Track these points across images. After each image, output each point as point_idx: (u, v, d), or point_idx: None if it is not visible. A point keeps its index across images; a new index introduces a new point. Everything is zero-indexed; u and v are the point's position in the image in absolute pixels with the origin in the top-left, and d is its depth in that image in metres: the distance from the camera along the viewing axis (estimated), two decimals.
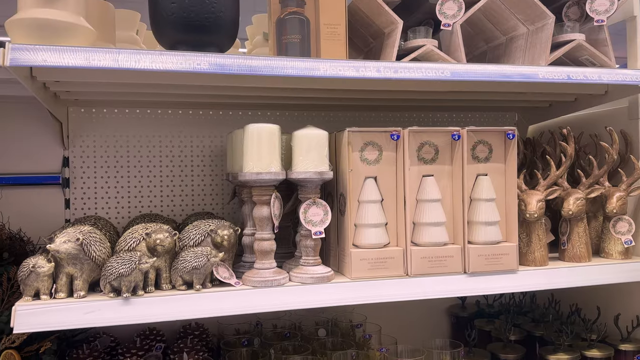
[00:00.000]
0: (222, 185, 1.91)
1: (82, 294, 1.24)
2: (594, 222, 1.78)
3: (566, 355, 1.62)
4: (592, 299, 1.88)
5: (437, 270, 1.47)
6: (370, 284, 1.42)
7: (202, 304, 1.29)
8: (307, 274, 1.41)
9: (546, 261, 1.59)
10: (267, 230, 1.40)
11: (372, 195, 1.47)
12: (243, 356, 1.55)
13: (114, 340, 1.71)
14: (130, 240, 1.32)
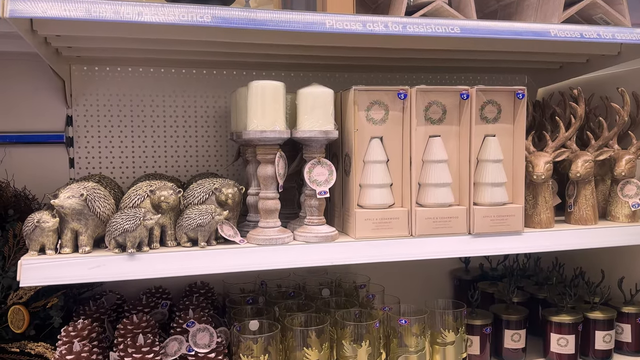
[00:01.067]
0: (227, 146, 1.89)
1: (87, 249, 1.25)
2: (602, 185, 1.76)
3: (569, 317, 1.63)
4: (596, 263, 1.88)
5: (442, 231, 1.47)
6: (374, 244, 1.42)
7: (206, 261, 1.30)
8: (312, 233, 1.40)
9: (552, 223, 1.58)
10: (272, 190, 1.39)
11: (377, 156, 1.45)
12: (248, 313, 1.56)
13: (120, 297, 1.73)
14: (134, 197, 1.32)
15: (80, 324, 1.44)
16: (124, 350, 1.34)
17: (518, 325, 1.67)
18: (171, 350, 1.38)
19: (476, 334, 1.63)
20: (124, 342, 1.36)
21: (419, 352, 1.51)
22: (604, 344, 1.65)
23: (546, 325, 1.66)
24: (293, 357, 1.46)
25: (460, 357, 1.57)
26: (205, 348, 1.38)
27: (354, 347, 1.46)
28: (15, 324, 1.52)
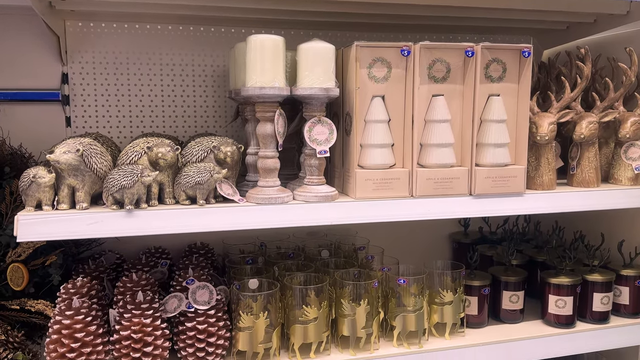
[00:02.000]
0: (225, 106, 1.86)
1: (84, 205, 1.24)
2: (605, 148, 1.74)
3: (567, 279, 1.64)
4: (596, 226, 1.88)
5: (443, 192, 1.45)
6: (374, 204, 1.41)
7: (205, 219, 1.29)
8: (311, 192, 1.39)
9: (554, 185, 1.57)
10: (271, 148, 1.37)
11: (379, 115, 1.43)
12: (247, 273, 1.57)
13: (119, 257, 1.73)
14: (131, 153, 1.30)
15: (80, 281, 1.44)
16: (123, 307, 1.34)
17: (516, 286, 1.67)
18: (170, 307, 1.38)
19: (474, 295, 1.64)
20: (124, 299, 1.37)
21: (417, 312, 1.52)
22: (601, 306, 1.66)
23: (544, 287, 1.67)
24: (292, 315, 1.47)
25: (458, 316, 1.58)
26: (204, 305, 1.38)
27: (353, 306, 1.47)
28: (15, 282, 1.52)
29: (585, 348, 1.64)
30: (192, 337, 1.37)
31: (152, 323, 1.32)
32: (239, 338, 1.40)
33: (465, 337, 1.59)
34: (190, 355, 1.37)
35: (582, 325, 1.67)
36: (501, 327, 1.67)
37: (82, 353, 1.26)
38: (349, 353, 1.48)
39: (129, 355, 1.30)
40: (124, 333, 1.30)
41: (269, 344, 1.40)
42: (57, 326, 1.26)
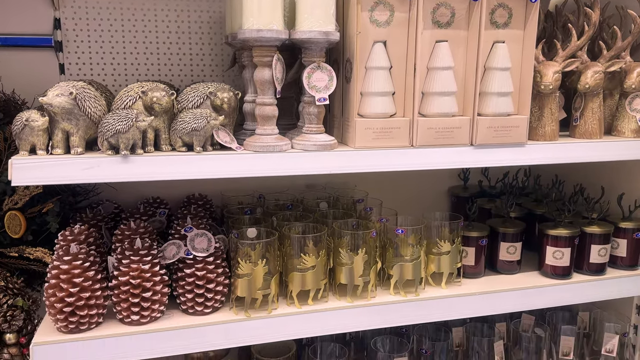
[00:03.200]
0: (222, 54, 1.81)
1: (79, 150, 1.22)
2: (609, 100, 1.71)
3: (566, 230, 1.64)
4: (596, 180, 1.87)
5: (443, 142, 1.43)
6: (374, 153, 1.39)
7: (202, 166, 1.27)
8: (310, 141, 1.37)
9: (556, 136, 1.55)
10: (269, 95, 1.34)
11: (380, 61, 1.39)
12: (246, 223, 1.56)
13: (117, 207, 1.72)
14: (126, 98, 1.27)
15: (77, 229, 1.44)
16: (121, 253, 1.34)
17: (514, 237, 1.68)
18: (169, 254, 1.38)
19: (472, 246, 1.64)
20: (122, 246, 1.36)
21: (414, 261, 1.52)
22: (598, 258, 1.67)
23: (542, 239, 1.67)
24: (290, 263, 1.47)
25: (455, 266, 1.59)
26: (203, 252, 1.38)
27: (351, 255, 1.47)
28: (12, 229, 1.52)
29: (581, 299, 1.65)
30: (191, 283, 1.37)
31: (150, 269, 1.33)
32: (237, 285, 1.41)
33: (461, 286, 1.60)
34: (189, 301, 1.38)
35: (579, 276, 1.68)
36: (498, 278, 1.68)
37: (81, 298, 1.26)
38: (347, 300, 1.49)
39: (128, 301, 1.31)
40: (122, 279, 1.31)
41: (268, 290, 1.41)
42: (55, 271, 1.27)
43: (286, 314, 1.42)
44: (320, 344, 1.62)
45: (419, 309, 1.51)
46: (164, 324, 1.34)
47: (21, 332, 1.48)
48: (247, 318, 1.39)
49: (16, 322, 1.45)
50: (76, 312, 1.26)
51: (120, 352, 1.29)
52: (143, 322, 1.33)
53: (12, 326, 1.45)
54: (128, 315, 1.32)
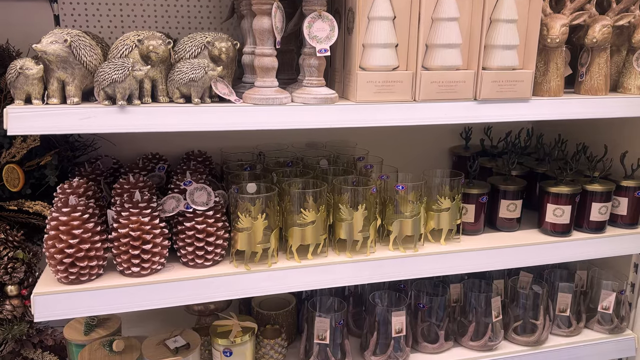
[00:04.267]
0: (220, 5, 1.76)
1: (75, 100, 1.20)
2: (616, 56, 1.67)
3: (567, 188, 1.63)
4: (600, 138, 1.85)
5: (447, 96, 1.41)
6: (376, 107, 1.37)
7: (200, 118, 1.25)
8: (310, 94, 1.34)
9: (561, 92, 1.52)
10: (268, 45, 1.31)
11: (383, 11, 1.35)
12: (245, 179, 1.55)
13: (116, 162, 1.71)
14: (122, 47, 1.24)
15: (76, 182, 1.43)
16: (120, 205, 1.34)
17: (515, 195, 1.67)
18: (169, 207, 1.38)
19: (472, 203, 1.64)
20: (121, 200, 1.36)
21: (413, 217, 1.52)
22: (599, 216, 1.67)
23: (543, 196, 1.66)
24: (290, 219, 1.47)
25: (454, 223, 1.59)
26: (203, 206, 1.38)
27: (351, 210, 1.47)
28: (11, 183, 1.51)
29: (580, 256, 1.66)
30: (191, 236, 1.37)
31: (150, 222, 1.32)
32: (237, 239, 1.41)
33: (460, 243, 1.61)
34: (189, 254, 1.39)
35: (579, 234, 1.68)
36: (497, 235, 1.68)
37: (80, 249, 1.26)
38: (346, 255, 1.50)
39: (128, 253, 1.31)
40: (122, 231, 1.30)
41: (267, 244, 1.41)
42: (54, 222, 1.26)
43: (286, 268, 1.43)
44: (319, 298, 1.64)
45: (417, 264, 1.52)
46: (164, 276, 1.35)
47: (22, 284, 1.49)
48: (247, 271, 1.40)
49: (17, 275, 1.46)
50: (76, 264, 1.27)
51: (121, 303, 1.30)
52: (144, 274, 1.33)
53: (13, 278, 1.46)
54: (128, 267, 1.32)
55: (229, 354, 1.47)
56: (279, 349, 1.57)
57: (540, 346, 1.71)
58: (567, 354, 1.73)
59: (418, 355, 1.66)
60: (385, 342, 1.59)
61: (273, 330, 1.62)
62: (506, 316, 1.74)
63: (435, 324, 1.68)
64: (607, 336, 1.77)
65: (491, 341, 1.66)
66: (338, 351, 1.58)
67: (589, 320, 1.81)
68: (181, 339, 1.48)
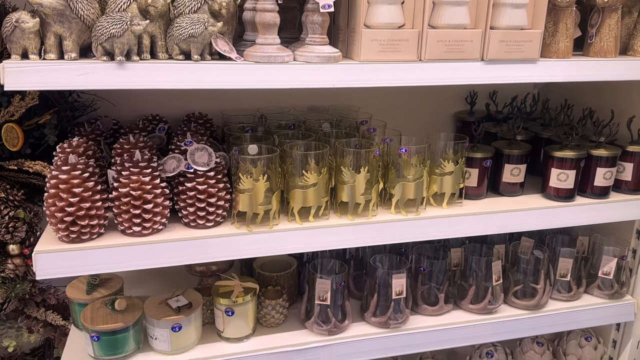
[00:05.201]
0: None
1: (73, 55, 1.17)
2: (628, 18, 1.62)
3: (572, 152, 1.61)
4: (606, 103, 1.82)
5: (453, 56, 1.38)
6: (380, 67, 1.34)
7: (200, 75, 1.23)
8: (313, 52, 1.31)
9: (569, 54, 1.49)
10: (270, 0, 1.27)
11: None
12: (247, 141, 1.54)
13: (116, 123, 1.69)
14: (119, 1, 1.20)
15: (76, 141, 1.41)
16: (121, 164, 1.32)
17: (519, 159, 1.65)
18: (169, 168, 1.37)
19: (475, 167, 1.62)
20: (121, 159, 1.34)
21: (416, 180, 1.51)
22: (603, 181, 1.65)
23: (548, 160, 1.65)
24: (292, 181, 1.46)
25: (457, 187, 1.58)
26: (204, 167, 1.37)
27: (353, 173, 1.46)
28: (10, 142, 1.50)
29: (582, 221, 1.65)
30: (192, 197, 1.37)
31: (151, 181, 1.31)
32: (239, 200, 1.40)
33: (462, 207, 1.60)
34: (191, 215, 1.38)
35: (582, 199, 1.67)
36: (500, 199, 1.67)
37: (81, 208, 1.26)
38: (347, 218, 1.49)
39: (129, 212, 1.31)
40: (122, 190, 1.30)
41: (269, 206, 1.41)
42: (54, 181, 1.25)
43: (287, 229, 1.43)
44: (320, 260, 1.64)
45: (419, 227, 1.51)
46: (166, 236, 1.35)
47: (24, 243, 1.50)
48: (248, 232, 1.40)
49: (18, 234, 1.46)
50: (77, 222, 1.26)
51: (123, 261, 1.30)
52: (145, 233, 1.33)
53: (14, 237, 1.46)
54: (130, 226, 1.32)
55: (231, 313, 1.48)
56: (280, 309, 1.59)
57: (539, 310, 1.72)
58: (566, 318, 1.74)
59: (417, 317, 1.67)
60: (385, 304, 1.60)
61: (274, 292, 1.63)
62: (506, 281, 1.75)
63: (435, 287, 1.69)
64: (607, 301, 1.78)
65: (491, 304, 1.67)
66: (339, 312, 1.59)
67: (589, 286, 1.82)
68: (183, 298, 1.49)
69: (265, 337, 1.56)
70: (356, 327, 1.61)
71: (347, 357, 1.57)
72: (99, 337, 1.38)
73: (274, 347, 1.52)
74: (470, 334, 1.66)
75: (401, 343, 1.61)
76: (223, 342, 1.53)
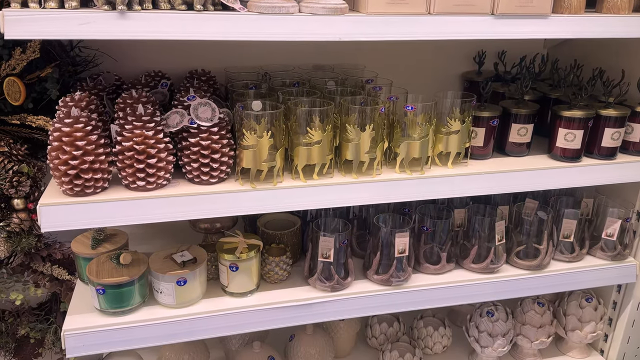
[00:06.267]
0: None
1: (73, 4, 1.14)
2: None
3: (580, 112, 1.59)
4: (616, 64, 1.78)
5: (463, 10, 1.34)
6: (388, 20, 1.31)
7: (203, 26, 1.20)
8: (319, 4, 1.28)
9: (582, 9, 1.45)
10: None
11: None
12: (250, 97, 1.52)
13: (118, 79, 1.67)
14: None
15: (78, 95, 1.40)
16: (124, 119, 1.31)
17: (526, 119, 1.63)
18: (173, 122, 1.36)
19: (482, 126, 1.60)
20: (124, 113, 1.33)
21: (422, 139, 1.49)
22: (611, 142, 1.63)
23: (555, 121, 1.63)
24: (296, 138, 1.45)
25: (463, 146, 1.56)
26: (207, 122, 1.35)
27: (358, 130, 1.44)
28: (12, 96, 1.48)
29: (589, 181, 1.64)
30: (196, 152, 1.36)
31: (154, 136, 1.30)
32: (243, 156, 1.39)
33: (468, 167, 1.59)
34: (194, 170, 1.37)
35: (589, 160, 1.66)
36: (505, 160, 1.66)
37: (84, 161, 1.25)
38: (352, 176, 1.48)
39: (132, 167, 1.30)
40: (126, 144, 1.29)
41: (273, 162, 1.40)
42: (57, 134, 1.25)
43: (291, 187, 1.42)
44: (324, 219, 1.64)
45: (423, 186, 1.51)
46: (169, 191, 1.35)
47: (29, 198, 1.50)
48: (252, 189, 1.39)
49: (23, 188, 1.47)
50: (81, 176, 1.26)
51: (126, 215, 1.30)
52: (149, 188, 1.33)
53: (19, 192, 1.47)
54: (134, 181, 1.31)
55: (235, 268, 1.50)
56: (283, 266, 1.60)
57: (541, 270, 1.73)
58: (568, 278, 1.75)
59: (419, 275, 1.68)
60: (387, 263, 1.61)
61: (278, 249, 1.64)
62: (509, 241, 1.75)
63: (438, 246, 1.69)
64: (609, 263, 1.79)
65: (493, 264, 1.68)
66: (342, 270, 1.60)
67: (592, 247, 1.82)
68: (188, 253, 1.51)
69: (269, 293, 1.57)
70: (358, 285, 1.62)
71: (349, 312, 1.59)
72: (104, 290, 1.40)
73: (278, 302, 1.53)
74: (471, 292, 1.68)
75: (402, 300, 1.62)
76: (227, 296, 1.55)
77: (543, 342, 1.87)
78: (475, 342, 1.85)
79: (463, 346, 1.99)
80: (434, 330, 1.93)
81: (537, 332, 1.86)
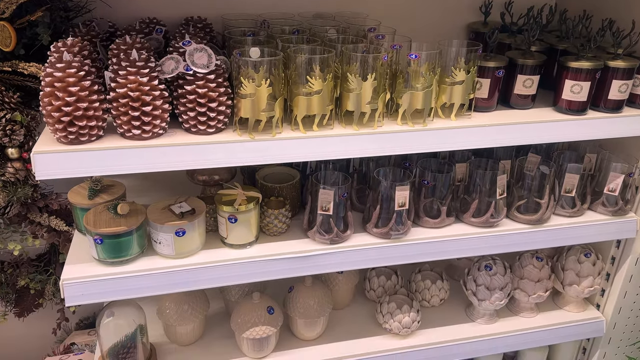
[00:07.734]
0: None
1: None
2: None
3: (588, 63, 1.54)
4: (627, 15, 1.72)
5: None
6: None
7: None
8: None
9: None
10: None
11: None
12: (248, 44, 1.47)
13: (112, 25, 1.61)
14: None
15: (71, 40, 1.35)
16: (117, 64, 1.27)
17: (533, 70, 1.59)
18: (168, 69, 1.31)
19: (487, 77, 1.56)
20: (118, 59, 1.29)
21: (425, 90, 1.46)
22: (618, 94, 1.59)
23: (562, 72, 1.58)
24: (296, 88, 1.41)
25: (467, 98, 1.52)
26: (203, 68, 1.31)
27: (359, 80, 1.40)
28: (2, 42, 1.44)
29: (594, 135, 1.61)
30: (192, 101, 1.32)
31: (149, 82, 1.27)
32: (240, 105, 1.36)
33: (471, 119, 1.55)
34: (191, 119, 1.34)
35: (594, 113, 1.62)
36: (510, 112, 1.62)
37: (78, 108, 1.22)
38: (353, 128, 1.45)
39: (127, 114, 1.27)
40: (120, 91, 1.25)
41: (272, 112, 1.37)
42: (49, 79, 1.21)
43: (290, 138, 1.39)
44: (324, 172, 1.62)
45: (425, 138, 1.48)
46: (166, 140, 1.32)
47: (23, 147, 1.48)
48: (251, 139, 1.36)
49: (17, 137, 1.44)
50: (75, 123, 1.23)
51: (122, 164, 1.28)
52: (145, 136, 1.30)
53: (12, 141, 1.44)
54: (129, 129, 1.29)
55: (234, 220, 1.49)
56: (282, 218, 1.59)
57: (542, 225, 1.72)
58: (568, 233, 1.75)
59: (419, 229, 1.67)
60: (387, 216, 1.60)
61: (277, 202, 1.62)
62: (510, 196, 1.74)
63: (438, 200, 1.68)
64: (610, 218, 1.78)
65: (493, 218, 1.67)
66: (341, 223, 1.59)
67: (593, 202, 1.81)
68: (186, 204, 1.49)
69: (268, 245, 1.57)
70: (358, 237, 1.62)
71: (348, 265, 1.60)
72: (102, 240, 1.39)
73: (277, 253, 1.53)
74: (469, 245, 1.68)
75: (401, 253, 1.62)
76: (227, 248, 1.54)
77: (540, 296, 1.88)
78: (473, 295, 1.86)
79: (460, 299, 2.01)
80: (432, 283, 1.95)
81: (535, 286, 1.88)
